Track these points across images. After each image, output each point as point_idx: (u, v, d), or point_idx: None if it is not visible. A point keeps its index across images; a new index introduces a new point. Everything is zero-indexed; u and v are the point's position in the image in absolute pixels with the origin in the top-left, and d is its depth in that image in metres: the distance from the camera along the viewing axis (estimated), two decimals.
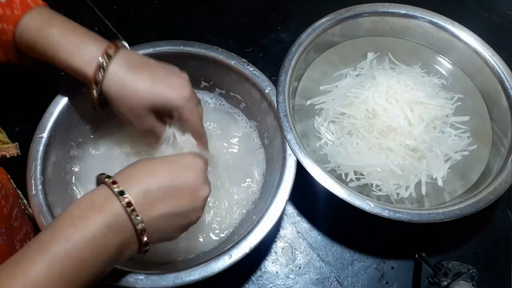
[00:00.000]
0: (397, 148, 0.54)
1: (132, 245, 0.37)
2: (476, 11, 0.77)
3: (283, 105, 0.53)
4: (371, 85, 0.58)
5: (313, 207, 0.58)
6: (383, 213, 0.47)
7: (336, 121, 0.59)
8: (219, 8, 0.76)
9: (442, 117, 0.57)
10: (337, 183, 0.48)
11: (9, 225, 0.42)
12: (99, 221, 0.34)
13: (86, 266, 0.33)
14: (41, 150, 0.48)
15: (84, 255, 0.33)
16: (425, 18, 0.62)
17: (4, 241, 0.40)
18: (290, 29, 0.73)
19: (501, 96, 0.57)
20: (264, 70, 0.55)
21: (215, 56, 0.55)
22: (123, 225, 0.35)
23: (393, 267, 0.54)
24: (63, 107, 0.51)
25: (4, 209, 0.42)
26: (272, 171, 0.53)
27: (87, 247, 0.33)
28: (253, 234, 0.45)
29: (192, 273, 0.43)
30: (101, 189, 0.36)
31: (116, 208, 0.35)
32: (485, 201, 0.49)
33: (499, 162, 0.53)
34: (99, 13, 0.73)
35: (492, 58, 0.58)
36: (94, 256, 0.33)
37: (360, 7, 0.62)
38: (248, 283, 0.53)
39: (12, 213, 0.43)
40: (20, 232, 0.44)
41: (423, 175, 0.55)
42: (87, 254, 0.33)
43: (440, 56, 0.63)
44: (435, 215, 0.48)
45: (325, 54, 0.62)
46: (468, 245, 0.56)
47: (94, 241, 0.33)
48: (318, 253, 0.55)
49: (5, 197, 0.43)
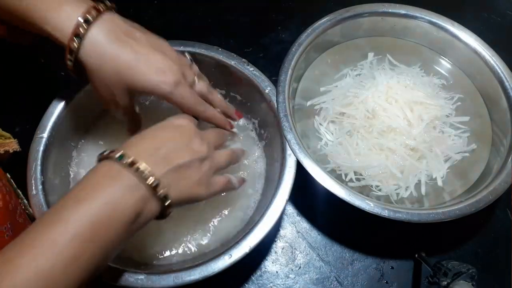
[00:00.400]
0: (397, 148, 0.54)
1: (150, 205, 0.36)
2: (476, 11, 0.77)
3: (283, 105, 0.53)
4: (371, 85, 0.58)
5: (313, 207, 0.58)
6: (383, 213, 0.47)
7: (336, 121, 0.59)
8: (219, 8, 0.76)
9: (442, 117, 0.57)
10: (337, 183, 0.48)
11: (14, 221, 0.42)
12: (110, 183, 0.34)
13: (103, 228, 0.33)
14: (41, 150, 0.48)
15: (100, 216, 0.33)
16: (425, 18, 0.62)
17: (9, 236, 0.40)
18: (290, 29, 0.73)
19: (501, 96, 0.57)
20: (264, 70, 0.55)
21: (215, 56, 0.55)
22: (135, 184, 0.35)
23: (393, 267, 0.54)
24: (63, 107, 0.51)
25: (9, 205, 0.42)
26: (272, 171, 0.53)
27: (101, 208, 0.33)
28: (253, 234, 0.45)
29: (192, 273, 0.43)
30: (104, 162, 0.36)
31: (122, 171, 0.35)
32: (485, 201, 0.49)
33: (499, 162, 0.53)
34: None
35: (492, 58, 0.59)
36: (110, 218, 0.33)
37: (360, 7, 0.62)
38: (248, 283, 0.53)
39: (16, 209, 0.44)
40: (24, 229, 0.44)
41: (422, 175, 0.55)
42: (104, 215, 0.33)
43: (440, 56, 0.64)
44: (434, 215, 0.48)
45: (325, 54, 0.62)
46: (468, 245, 0.56)
47: (108, 203, 0.33)
48: (318, 253, 0.55)
49: (9, 193, 0.43)
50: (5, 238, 0.40)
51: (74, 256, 0.31)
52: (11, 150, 0.51)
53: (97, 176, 0.35)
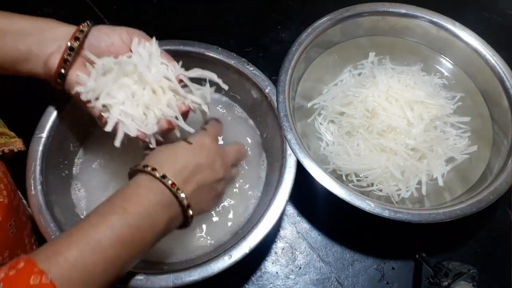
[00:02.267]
0: (397, 148, 0.54)
1: (178, 219, 0.41)
2: (477, 11, 0.77)
3: (283, 105, 0.52)
4: (371, 84, 0.58)
5: (313, 207, 0.58)
6: (384, 213, 0.47)
7: (336, 120, 0.59)
8: (219, 8, 0.76)
9: (442, 117, 0.57)
10: (337, 183, 0.48)
11: (18, 218, 0.42)
12: (151, 199, 0.38)
13: (140, 236, 0.37)
14: (41, 150, 0.48)
15: (140, 225, 0.36)
16: (425, 18, 0.62)
17: (13, 234, 0.40)
18: (290, 29, 0.73)
19: (502, 96, 0.57)
20: (264, 70, 0.55)
21: (215, 56, 0.55)
22: (171, 202, 0.39)
23: (394, 267, 0.54)
24: (62, 107, 0.51)
25: (13, 202, 0.42)
26: (272, 171, 0.53)
27: (142, 219, 0.37)
28: (253, 234, 0.45)
29: (192, 273, 0.42)
30: (143, 176, 0.40)
31: (161, 188, 0.39)
32: (485, 201, 0.49)
33: (499, 162, 0.53)
34: (99, 13, 0.73)
35: (493, 58, 0.58)
36: (147, 228, 0.37)
37: (360, 6, 0.62)
38: (248, 284, 0.53)
39: (19, 207, 0.44)
40: (27, 227, 0.44)
41: (423, 175, 0.55)
42: (143, 225, 0.37)
43: (441, 55, 0.63)
44: (435, 215, 0.48)
45: (325, 54, 0.62)
46: (469, 245, 0.56)
47: (148, 215, 0.37)
48: (318, 254, 0.55)
49: (14, 191, 0.43)
50: (10, 235, 0.40)
51: (115, 256, 0.35)
52: (16, 149, 0.51)
53: (141, 189, 0.39)
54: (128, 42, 0.46)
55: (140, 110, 0.42)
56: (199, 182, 0.42)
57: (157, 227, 0.38)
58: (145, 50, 0.44)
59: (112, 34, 0.45)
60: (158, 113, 0.42)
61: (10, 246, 0.40)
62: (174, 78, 0.43)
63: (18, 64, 0.44)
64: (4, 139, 0.50)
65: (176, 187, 0.39)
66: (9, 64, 0.44)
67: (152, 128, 0.42)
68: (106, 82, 0.42)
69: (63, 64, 0.43)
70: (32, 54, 0.43)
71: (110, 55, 0.45)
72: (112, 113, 0.41)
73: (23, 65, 0.44)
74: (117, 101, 0.42)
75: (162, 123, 0.43)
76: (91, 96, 0.42)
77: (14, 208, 0.42)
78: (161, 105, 0.42)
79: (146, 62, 0.43)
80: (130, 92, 0.42)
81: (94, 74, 0.43)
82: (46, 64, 0.43)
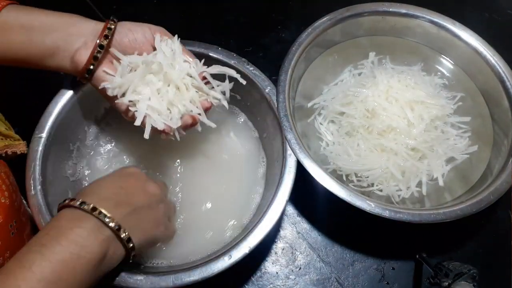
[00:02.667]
0: (398, 148, 0.54)
1: (115, 247, 0.37)
2: (477, 11, 0.77)
3: (283, 105, 0.52)
4: (371, 84, 0.58)
5: (313, 207, 0.57)
6: (384, 213, 0.47)
7: (336, 120, 0.59)
8: (219, 8, 0.75)
9: (443, 117, 0.57)
10: (337, 183, 0.48)
11: (19, 219, 0.42)
12: (72, 227, 0.35)
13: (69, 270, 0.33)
14: (40, 150, 0.48)
15: (64, 257, 0.33)
16: (425, 18, 0.61)
17: (15, 234, 0.40)
18: (290, 29, 0.73)
19: (502, 96, 0.57)
20: (264, 70, 0.55)
21: (215, 56, 0.55)
22: (98, 226, 0.36)
23: (394, 267, 0.54)
24: (62, 107, 0.51)
25: (15, 203, 0.42)
26: (272, 171, 0.53)
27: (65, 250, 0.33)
28: (253, 234, 0.45)
29: (192, 273, 0.42)
30: (64, 210, 0.38)
31: (84, 216, 0.36)
32: (486, 201, 0.49)
33: (500, 162, 0.53)
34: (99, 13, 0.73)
35: (493, 58, 0.58)
36: (75, 258, 0.33)
37: (361, 6, 0.62)
38: (248, 284, 0.53)
39: (20, 208, 0.44)
40: (27, 228, 0.44)
41: (423, 175, 0.54)
42: (68, 257, 0.33)
43: (441, 55, 0.63)
44: (436, 216, 0.47)
45: (325, 54, 0.62)
46: (469, 246, 0.56)
47: (72, 243, 0.34)
48: (319, 254, 0.55)
49: (15, 192, 0.43)
50: (11, 236, 0.40)
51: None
52: (19, 151, 0.51)
53: (61, 221, 0.36)
54: (150, 39, 0.47)
55: (164, 105, 0.44)
56: (133, 206, 0.40)
57: (89, 257, 0.34)
58: (168, 48, 0.46)
59: (136, 31, 0.46)
60: (182, 109, 0.45)
61: (11, 247, 0.40)
62: (197, 76, 0.46)
63: (44, 59, 0.44)
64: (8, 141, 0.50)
65: (98, 211, 0.37)
66: (36, 59, 0.44)
67: (177, 123, 0.44)
68: (132, 79, 0.44)
69: (93, 61, 0.44)
70: (59, 49, 0.44)
71: (133, 50, 0.46)
72: (140, 108, 0.43)
73: (49, 60, 0.44)
74: (143, 96, 0.44)
75: (186, 118, 0.45)
76: (118, 92, 0.44)
77: (15, 209, 0.42)
78: (185, 101, 0.45)
79: (170, 60, 0.45)
80: (156, 88, 0.44)
81: (120, 71, 0.45)
82: (73, 59, 0.44)
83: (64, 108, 0.51)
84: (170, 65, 0.45)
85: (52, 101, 0.51)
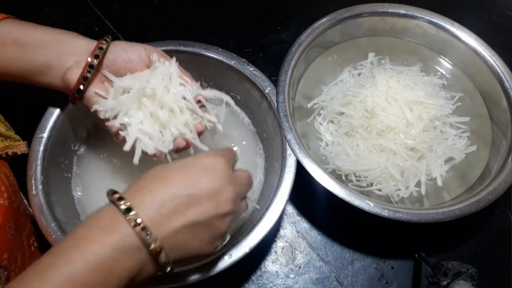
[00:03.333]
0: (397, 148, 0.54)
1: (149, 267, 0.32)
2: (476, 11, 0.77)
3: (283, 105, 0.53)
4: (370, 85, 0.58)
5: (313, 207, 0.58)
6: (383, 213, 0.47)
7: (335, 120, 0.59)
8: (219, 8, 0.76)
9: (441, 117, 0.57)
10: (337, 183, 0.48)
11: (18, 220, 0.42)
12: (105, 243, 0.30)
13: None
14: (42, 150, 0.48)
15: (88, 280, 0.29)
16: (424, 18, 0.62)
17: (12, 235, 0.40)
18: (290, 29, 0.73)
19: (501, 96, 0.57)
20: (264, 70, 0.55)
21: (215, 56, 0.55)
22: (134, 246, 0.31)
23: (393, 266, 0.54)
24: (63, 107, 0.51)
25: (14, 204, 0.42)
26: (272, 171, 0.53)
27: (92, 271, 0.29)
28: (253, 233, 0.45)
29: (192, 273, 0.43)
30: (108, 207, 0.32)
31: (123, 227, 0.31)
32: (484, 201, 0.49)
33: (498, 162, 0.53)
34: (99, 13, 0.73)
35: (492, 58, 0.58)
36: (102, 281, 0.29)
37: (360, 7, 0.62)
38: (248, 283, 0.53)
39: (19, 209, 0.44)
40: (26, 228, 0.44)
41: (422, 175, 0.55)
42: (92, 279, 0.29)
43: (440, 56, 0.64)
44: (434, 215, 0.48)
45: (325, 54, 0.62)
46: (468, 245, 0.56)
47: (100, 264, 0.29)
48: (318, 253, 0.55)
49: (15, 193, 0.43)
50: (8, 237, 0.40)
51: None
52: (20, 152, 0.51)
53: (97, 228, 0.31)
54: (145, 60, 0.45)
55: (157, 129, 0.43)
56: (190, 219, 0.33)
57: (117, 280, 0.30)
58: (164, 69, 0.45)
59: (130, 51, 0.45)
60: (175, 132, 0.43)
61: (9, 248, 0.40)
62: (192, 99, 0.45)
63: (35, 76, 0.44)
64: (9, 142, 0.51)
65: (142, 226, 0.31)
66: (29, 75, 0.44)
67: (168, 146, 0.43)
68: (125, 102, 0.43)
69: (83, 81, 0.43)
70: (50, 67, 0.43)
71: (127, 71, 0.45)
72: (130, 132, 0.42)
73: (41, 77, 0.44)
74: (135, 120, 0.42)
75: (178, 141, 0.44)
76: (110, 114, 0.43)
77: (14, 210, 0.42)
78: (178, 124, 0.43)
79: (165, 83, 0.44)
80: (148, 111, 0.43)
81: (113, 93, 0.43)
82: (64, 77, 0.43)
83: (65, 108, 0.51)
84: (165, 88, 0.43)
85: (53, 101, 0.51)
